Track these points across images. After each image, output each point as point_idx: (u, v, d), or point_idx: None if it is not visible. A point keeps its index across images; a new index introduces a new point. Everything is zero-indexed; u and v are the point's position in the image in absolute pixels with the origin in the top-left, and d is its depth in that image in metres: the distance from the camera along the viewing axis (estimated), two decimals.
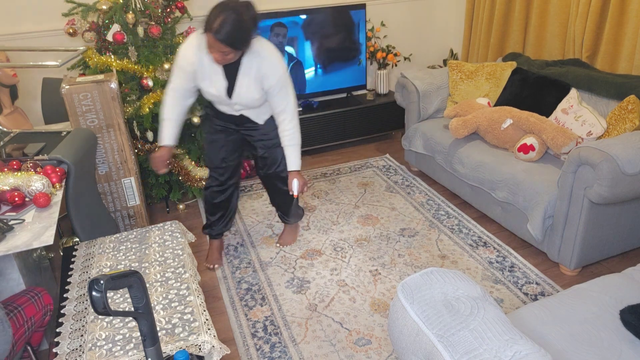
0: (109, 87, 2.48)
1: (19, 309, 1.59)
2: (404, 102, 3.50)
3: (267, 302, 2.34)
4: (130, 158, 2.66)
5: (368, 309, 2.26)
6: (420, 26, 4.41)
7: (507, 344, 1.06)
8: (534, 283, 2.38)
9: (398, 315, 1.27)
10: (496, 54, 3.85)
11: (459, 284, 1.27)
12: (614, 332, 1.45)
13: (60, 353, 1.50)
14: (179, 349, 1.47)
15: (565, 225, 2.35)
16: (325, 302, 2.32)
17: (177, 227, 2.13)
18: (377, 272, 2.50)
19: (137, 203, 2.77)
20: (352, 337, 2.10)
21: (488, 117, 2.88)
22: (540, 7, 3.44)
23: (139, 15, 2.84)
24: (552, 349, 1.41)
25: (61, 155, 2.05)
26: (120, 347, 1.48)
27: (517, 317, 1.55)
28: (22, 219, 1.74)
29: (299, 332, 2.15)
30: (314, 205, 3.17)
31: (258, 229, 2.94)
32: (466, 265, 2.53)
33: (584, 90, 2.84)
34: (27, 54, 3.15)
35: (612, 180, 2.09)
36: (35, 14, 3.18)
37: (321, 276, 2.50)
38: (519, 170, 2.60)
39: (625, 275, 1.71)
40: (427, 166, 3.39)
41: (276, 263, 2.62)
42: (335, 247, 2.72)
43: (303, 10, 3.63)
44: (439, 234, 2.81)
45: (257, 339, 2.12)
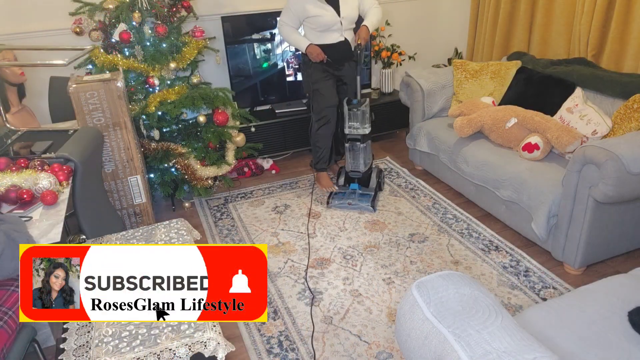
0: (115, 86, 2.50)
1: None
2: (409, 101, 3.50)
3: (280, 315, 2.26)
4: (137, 156, 2.68)
5: (385, 320, 2.19)
6: (424, 25, 4.40)
7: (526, 349, 1.04)
8: (551, 288, 2.35)
9: (408, 316, 1.24)
10: (501, 53, 3.85)
11: (475, 288, 1.26)
12: (622, 334, 1.43)
13: (67, 349, 1.51)
14: (185, 346, 1.48)
15: (570, 224, 2.35)
16: (341, 314, 2.24)
17: (183, 225, 2.14)
18: (391, 281, 2.45)
19: (143, 201, 2.79)
20: (372, 351, 2.03)
21: (492, 116, 2.88)
22: (546, 6, 3.43)
23: (145, 14, 2.85)
24: (560, 351, 1.39)
25: (68, 153, 2.06)
26: (127, 343, 1.50)
27: (524, 319, 1.53)
28: (29, 216, 1.76)
29: (316, 347, 2.07)
30: (318, 211, 3.12)
31: (263, 238, 2.87)
32: (480, 271, 2.49)
33: (589, 89, 2.83)
34: (34, 53, 3.17)
35: (617, 180, 2.08)
36: (42, 13, 3.20)
37: (333, 286, 2.42)
38: (523, 169, 2.59)
39: (632, 276, 1.69)
40: (431, 165, 3.39)
41: (285, 273, 2.54)
42: (344, 255, 2.66)
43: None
44: (449, 238, 2.77)
45: (273, 356, 2.05)
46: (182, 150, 3.04)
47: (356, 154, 3.10)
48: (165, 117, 3.06)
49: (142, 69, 2.88)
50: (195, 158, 3.09)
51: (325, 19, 2.94)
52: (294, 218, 3.05)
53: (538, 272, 2.46)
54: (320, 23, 2.96)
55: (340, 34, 3.04)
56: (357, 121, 3.04)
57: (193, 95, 2.94)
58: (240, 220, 3.07)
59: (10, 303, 1.59)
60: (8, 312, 1.56)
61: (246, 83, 3.72)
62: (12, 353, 1.52)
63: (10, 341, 1.56)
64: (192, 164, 3.07)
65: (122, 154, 2.64)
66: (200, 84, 3.19)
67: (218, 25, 3.50)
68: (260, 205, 3.24)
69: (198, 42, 3.07)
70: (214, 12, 3.57)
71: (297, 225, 2.97)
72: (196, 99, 2.92)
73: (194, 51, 3.03)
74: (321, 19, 2.95)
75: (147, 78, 2.89)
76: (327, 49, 3.03)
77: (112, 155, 2.62)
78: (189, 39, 3.05)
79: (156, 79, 2.89)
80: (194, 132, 3.17)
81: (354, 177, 3.14)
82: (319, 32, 3.01)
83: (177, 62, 2.96)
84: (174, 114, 2.90)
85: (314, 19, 2.96)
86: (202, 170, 3.10)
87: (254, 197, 3.36)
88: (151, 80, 2.87)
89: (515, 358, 1.01)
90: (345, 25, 3.02)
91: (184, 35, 3.07)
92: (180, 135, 3.17)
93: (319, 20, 2.95)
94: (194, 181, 3.11)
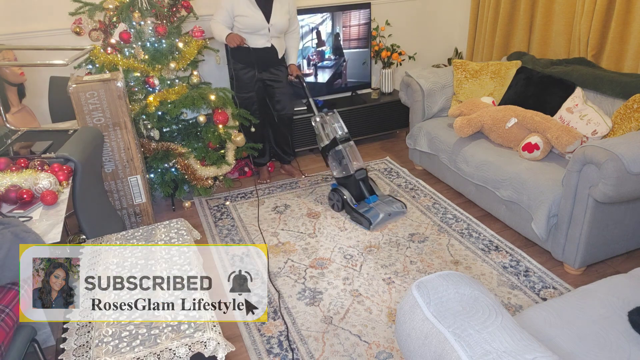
0: (115, 86, 2.49)
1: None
2: (409, 101, 3.50)
3: (280, 315, 2.27)
4: (137, 156, 2.68)
5: (385, 320, 2.19)
6: (425, 25, 4.41)
7: (526, 349, 1.04)
8: (551, 288, 2.35)
9: (408, 316, 1.23)
10: (501, 52, 3.84)
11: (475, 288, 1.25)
12: (622, 334, 1.43)
13: (67, 349, 1.51)
14: (185, 346, 1.48)
15: (570, 224, 2.35)
16: (341, 314, 2.24)
17: (183, 225, 2.14)
18: (391, 281, 2.45)
19: (143, 201, 2.79)
20: (372, 351, 2.03)
21: (492, 116, 2.88)
22: (546, 6, 3.43)
23: (145, 14, 2.85)
24: (560, 351, 1.39)
25: (68, 153, 2.06)
26: (127, 343, 1.50)
27: (524, 319, 1.53)
28: (29, 216, 1.76)
29: (316, 347, 2.06)
30: (318, 211, 3.11)
31: (263, 238, 2.87)
32: (480, 271, 2.49)
33: (589, 89, 2.83)
34: (34, 53, 3.17)
35: (617, 179, 2.08)
36: (42, 13, 3.20)
37: (333, 286, 2.42)
38: (523, 169, 2.59)
39: (632, 276, 1.69)
40: (431, 165, 3.39)
41: (285, 273, 2.54)
42: (344, 255, 2.66)
43: (304, 10, 3.63)
44: (449, 238, 2.77)
45: (273, 356, 2.04)
46: (182, 150, 3.04)
47: (353, 151, 3.08)
48: (165, 117, 3.06)
49: (142, 69, 2.88)
50: (195, 158, 3.09)
51: (252, 20, 3.04)
52: (294, 218, 3.05)
53: (538, 272, 2.46)
54: (247, 24, 3.05)
55: (267, 39, 3.13)
56: (335, 122, 3.10)
57: (193, 95, 2.94)
58: (240, 220, 3.07)
59: (7, 300, 1.59)
60: (5, 309, 1.56)
61: None
62: (11, 353, 1.51)
63: (8, 339, 1.56)
64: (192, 164, 3.07)
65: (122, 154, 2.64)
66: (200, 84, 3.19)
67: None
68: (260, 205, 3.24)
69: (198, 42, 3.07)
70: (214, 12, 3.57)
71: (297, 225, 2.97)
72: (196, 99, 2.92)
73: (194, 51, 3.03)
74: (248, 20, 3.04)
75: (147, 78, 2.89)
76: (253, 52, 3.12)
77: (112, 155, 2.62)
78: (189, 39, 3.05)
79: (156, 79, 2.89)
80: (194, 132, 3.17)
81: (361, 178, 3.02)
82: (246, 33, 3.08)
83: (177, 62, 2.96)
84: (174, 114, 2.90)
85: (242, 19, 3.04)
86: (202, 170, 3.11)
87: (254, 197, 3.36)
88: (151, 80, 2.87)
89: (515, 358, 1.01)
90: (272, 33, 3.12)
91: (184, 35, 3.07)
92: (180, 135, 3.17)
93: (246, 20, 3.04)
94: (194, 181, 3.12)
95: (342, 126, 3.12)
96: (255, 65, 3.17)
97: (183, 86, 3.01)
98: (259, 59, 3.15)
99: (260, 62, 3.17)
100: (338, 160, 3.07)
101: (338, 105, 3.90)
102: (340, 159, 3.06)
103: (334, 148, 3.04)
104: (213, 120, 3.14)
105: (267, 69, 3.23)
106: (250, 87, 3.24)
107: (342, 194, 3.01)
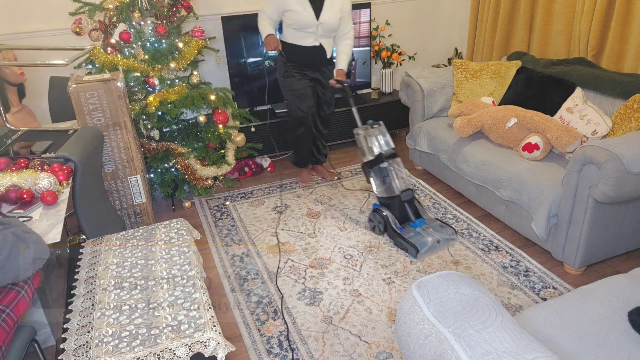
0: (115, 86, 2.50)
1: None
2: (409, 101, 3.50)
3: (280, 315, 2.26)
4: (137, 156, 2.68)
5: (385, 320, 2.19)
6: (425, 25, 4.41)
7: (526, 349, 1.04)
8: (551, 288, 2.35)
9: (408, 316, 1.23)
10: (501, 52, 3.85)
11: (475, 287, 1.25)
12: (622, 334, 1.43)
13: (67, 349, 1.51)
14: (185, 346, 1.49)
15: (570, 224, 2.35)
16: (341, 314, 2.24)
17: (183, 225, 2.14)
18: (391, 281, 2.45)
19: (143, 201, 2.79)
20: (372, 351, 2.03)
21: (492, 116, 2.88)
22: (546, 6, 3.44)
23: (145, 14, 2.86)
24: (560, 351, 1.39)
25: (68, 153, 2.06)
26: (127, 343, 1.50)
27: (524, 319, 1.53)
28: (29, 216, 1.76)
29: (316, 347, 2.06)
30: (318, 211, 3.11)
31: (263, 238, 2.86)
32: (480, 271, 2.49)
33: (589, 89, 2.83)
34: (34, 53, 3.17)
35: (617, 180, 2.08)
36: (42, 13, 3.20)
37: (333, 286, 2.42)
38: (523, 169, 2.60)
39: (632, 276, 1.69)
40: (431, 165, 3.39)
41: (285, 273, 2.53)
42: (344, 255, 2.66)
43: None
44: None
45: (273, 356, 2.04)
46: (182, 150, 3.05)
47: (400, 169, 2.80)
48: (165, 117, 3.06)
49: (142, 69, 2.88)
50: (195, 158, 3.09)
51: (302, 17, 2.94)
52: (294, 218, 3.05)
53: (538, 272, 2.46)
54: (296, 20, 2.96)
55: (315, 38, 3.04)
56: (381, 135, 2.85)
57: (193, 95, 2.94)
58: (240, 220, 3.07)
59: (8, 301, 1.59)
60: (5, 309, 1.56)
61: (246, 83, 3.72)
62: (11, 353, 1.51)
63: (9, 339, 1.56)
64: (192, 164, 3.07)
65: (122, 154, 2.64)
66: (200, 84, 3.19)
67: (218, 25, 3.50)
68: (260, 205, 3.23)
69: (198, 42, 3.07)
70: (214, 12, 3.58)
71: (297, 225, 2.97)
72: (196, 99, 2.92)
73: (194, 51, 3.03)
74: (298, 16, 2.95)
75: (147, 78, 2.89)
76: (300, 50, 3.06)
77: (112, 155, 2.63)
78: (189, 39, 3.05)
79: (156, 79, 2.89)
80: (194, 132, 3.17)
81: (407, 200, 2.72)
82: (295, 30, 3.01)
83: (177, 62, 2.96)
84: (174, 114, 2.90)
85: (291, 14, 2.95)
86: (202, 170, 3.11)
87: (254, 197, 3.36)
88: (151, 80, 2.87)
89: (515, 358, 1.01)
90: (321, 31, 3.02)
91: (184, 35, 3.07)
92: (180, 135, 3.17)
93: (296, 16, 2.95)
94: (194, 181, 3.12)
95: (389, 141, 2.83)
96: (304, 64, 3.10)
97: (183, 86, 3.01)
98: (305, 58, 3.08)
99: (306, 62, 3.10)
100: (382, 178, 2.79)
101: (337, 105, 3.90)
102: (384, 177, 2.78)
103: (379, 165, 2.78)
104: (213, 120, 3.14)
105: (319, 68, 3.15)
106: (302, 85, 3.11)
107: (385, 216, 2.71)
